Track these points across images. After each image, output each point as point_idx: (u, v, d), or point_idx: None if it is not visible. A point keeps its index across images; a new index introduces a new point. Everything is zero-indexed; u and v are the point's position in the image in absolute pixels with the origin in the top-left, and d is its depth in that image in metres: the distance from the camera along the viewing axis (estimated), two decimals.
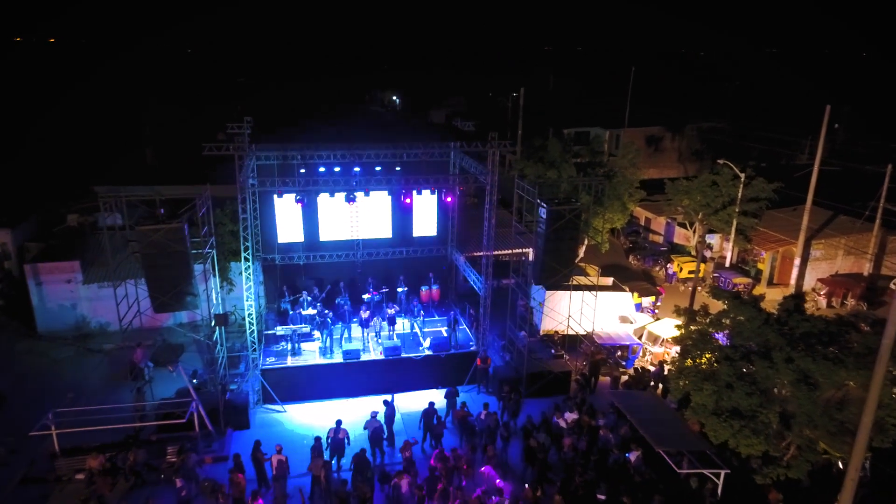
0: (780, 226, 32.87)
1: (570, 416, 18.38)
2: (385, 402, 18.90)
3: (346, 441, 17.46)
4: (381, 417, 18.55)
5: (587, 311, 22.71)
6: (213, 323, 18.70)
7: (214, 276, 21.47)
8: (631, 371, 22.84)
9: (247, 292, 19.93)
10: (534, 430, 17.96)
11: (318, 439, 16.90)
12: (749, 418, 15.08)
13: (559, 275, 20.65)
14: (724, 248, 36.38)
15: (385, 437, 18.59)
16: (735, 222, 31.17)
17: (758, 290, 31.29)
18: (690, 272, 32.01)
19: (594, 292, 22.04)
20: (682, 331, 17.63)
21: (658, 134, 53.09)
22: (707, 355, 16.89)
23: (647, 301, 28.11)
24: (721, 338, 17.73)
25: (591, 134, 48.39)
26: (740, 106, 57.14)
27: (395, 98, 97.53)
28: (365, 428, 17.95)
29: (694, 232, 34.96)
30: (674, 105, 60.76)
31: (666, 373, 21.39)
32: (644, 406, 17.99)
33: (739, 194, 30.62)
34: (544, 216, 20.01)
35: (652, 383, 21.25)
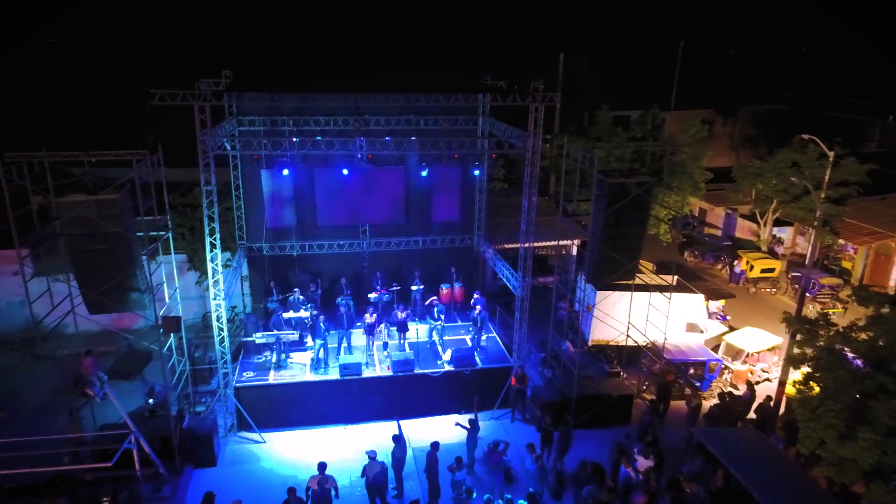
0: (870, 217, 27.50)
1: (644, 463, 13.44)
2: (394, 438, 14.06)
3: (332, 493, 12.73)
4: (385, 457, 13.84)
5: (653, 317, 17.72)
6: (160, 329, 14.15)
7: (172, 267, 16.95)
8: (706, 395, 17.88)
9: (214, 289, 15.35)
10: (591, 481, 13.09)
11: (292, 492, 12.18)
12: None
13: (622, 270, 15.76)
14: (797, 242, 31.10)
15: (392, 485, 13.89)
16: (820, 211, 25.84)
17: (846, 293, 25.99)
18: (763, 271, 26.81)
19: (667, 293, 17.02)
20: (806, 350, 12.62)
21: (708, 118, 47.60)
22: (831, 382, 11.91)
23: (715, 305, 23.03)
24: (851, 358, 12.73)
25: (631, 117, 43.40)
26: (801, 87, 51.54)
27: None
28: (363, 475, 13.24)
29: (764, 224, 29.74)
30: (722, 88, 55.16)
31: (761, 401, 16.34)
32: (747, 451, 13.00)
33: (827, 176, 25.29)
34: (603, 193, 15.15)
35: (753, 416, 16.19)
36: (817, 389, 12.23)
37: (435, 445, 13.55)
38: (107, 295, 13.50)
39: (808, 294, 25.31)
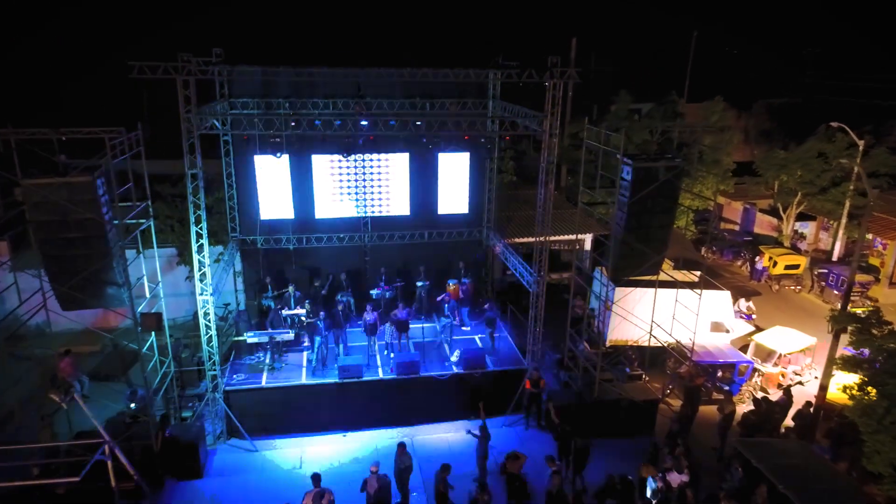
0: None
1: (677, 478, 12.04)
2: (398, 448, 12.65)
3: None
4: (389, 469, 12.48)
5: (680, 315, 16.28)
6: (139, 328, 12.81)
7: (156, 262, 15.63)
8: (736, 399, 16.47)
9: (200, 283, 14.00)
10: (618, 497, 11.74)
11: None
12: None
13: (647, 264, 14.37)
14: (820, 238, 29.68)
15: (396, 499, 12.53)
16: (848, 204, 24.52)
17: (876, 291, 24.61)
18: (787, 267, 25.38)
19: (697, 290, 15.60)
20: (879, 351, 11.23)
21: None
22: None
23: (745, 305, 21.61)
24: None
25: (642, 110, 42.01)
26: (818, 80, 50.02)
27: None
28: (363, 490, 11.89)
29: (786, 218, 28.32)
30: (730, 85, 53.74)
31: (799, 407, 14.92)
32: (795, 465, 11.60)
33: (856, 168, 23.94)
34: (628, 178, 13.75)
35: (789, 423, 14.78)
36: (874, 394, 10.85)
37: (446, 468, 12.15)
38: (80, 289, 12.15)
39: (836, 292, 23.93)
